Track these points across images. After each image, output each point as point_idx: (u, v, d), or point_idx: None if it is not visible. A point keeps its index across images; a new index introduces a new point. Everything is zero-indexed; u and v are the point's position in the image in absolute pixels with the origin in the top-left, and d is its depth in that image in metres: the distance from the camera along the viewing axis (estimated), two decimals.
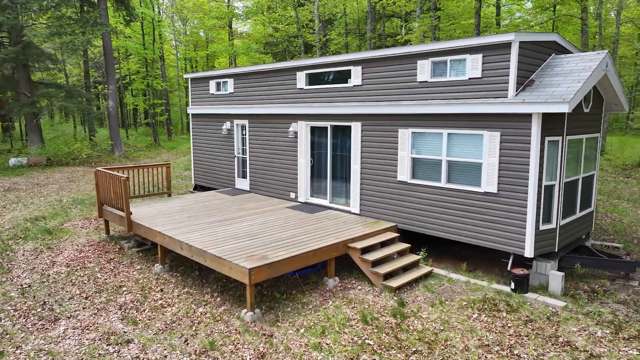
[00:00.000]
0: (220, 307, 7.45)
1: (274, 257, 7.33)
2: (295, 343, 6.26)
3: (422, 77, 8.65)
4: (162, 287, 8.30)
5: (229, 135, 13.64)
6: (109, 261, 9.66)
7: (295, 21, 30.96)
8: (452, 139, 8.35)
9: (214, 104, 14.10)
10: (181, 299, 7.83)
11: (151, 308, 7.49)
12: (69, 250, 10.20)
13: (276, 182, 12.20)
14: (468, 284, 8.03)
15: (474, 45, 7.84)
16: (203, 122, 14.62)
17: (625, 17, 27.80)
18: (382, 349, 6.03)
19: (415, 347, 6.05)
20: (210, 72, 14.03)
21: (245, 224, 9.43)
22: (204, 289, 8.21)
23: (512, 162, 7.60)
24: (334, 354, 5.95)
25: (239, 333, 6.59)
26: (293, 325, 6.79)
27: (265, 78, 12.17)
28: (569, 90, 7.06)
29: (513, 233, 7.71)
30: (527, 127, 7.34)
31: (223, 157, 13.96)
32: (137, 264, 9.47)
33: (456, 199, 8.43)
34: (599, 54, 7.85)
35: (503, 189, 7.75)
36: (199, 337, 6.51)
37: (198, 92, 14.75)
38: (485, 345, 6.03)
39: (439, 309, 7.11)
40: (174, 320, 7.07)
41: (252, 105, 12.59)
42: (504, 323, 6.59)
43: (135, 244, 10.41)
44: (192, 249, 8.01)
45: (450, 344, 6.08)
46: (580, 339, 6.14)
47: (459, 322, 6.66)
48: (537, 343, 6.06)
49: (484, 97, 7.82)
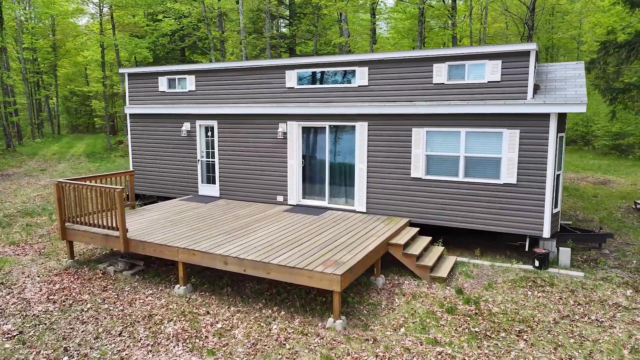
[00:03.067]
0: (295, 320, 6.94)
1: (346, 261, 7.13)
2: (407, 342, 6.25)
3: (439, 79, 9.25)
4: (206, 310, 7.33)
5: (189, 138, 12.42)
6: (104, 289, 8.10)
7: (185, 14, 29.07)
8: (470, 137, 9.14)
9: (167, 103, 12.67)
10: (239, 318, 7.05)
11: (214, 334, 6.61)
12: (34, 285, 8.26)
13: (258, 186, 11.57)
14: (493, 267, 8.91)
15: (494, 52, 8.72)
16: (149, 123, 13.00)
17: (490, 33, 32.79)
18: (491, 332, 6.41)
19: (515, 326, 6.58)
20: (160, 68, 12.56)
21: (264, 231, 8.84)
22: (254, 304, 7.51)
23: (531, 156, 8.69)
24: (454, 344, 6.13)
25: (341, 342, 6.28)
26: (384, 326, 6.73)
27: (243, 76, 11.45)
28: (579, 93, 8.39)
29: (532, 217, 8.82)
30: (545, 125, 8.48)
31: (181, 161, 12.64)
32: (146, 289, 8.14)
33: (474, 191, 9.24)
34: (579, 64, 9.45)
35: (522, 179, 8.81)
36: (302, 354, 6.02)
37: (141, 90, 13.06)
38: (566, 317, 6.87)
39: (494, 292, 7.79)
40: (253, 342, 6.37)
41: (223, 105, 11.69)
42: (560, 296, 7.56)
43: (125, 266, 8.88)
44: (244, 263, 7.27)
45: (540, 319, 6.78)
46: (621, 299, 7.42)
47: (524, 300, 7.42)
48: (597, 308, 7.14)
49: (504, 98, 8.76)
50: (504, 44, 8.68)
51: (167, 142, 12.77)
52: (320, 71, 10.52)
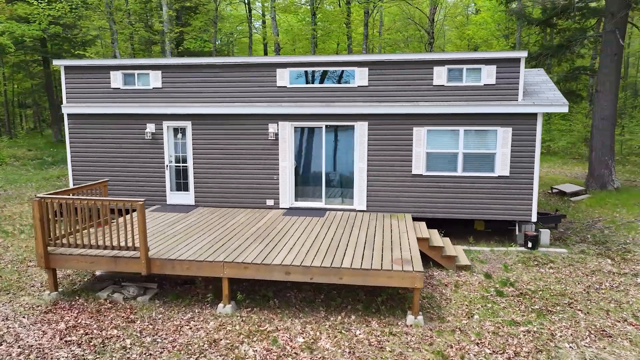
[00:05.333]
0: (371, 322, 6.82)
1: (411, 258, 7.27)
2: (489, 327, 6.65)
3: (439, 81, 9.88)
4: (272, 326, 6.74)
5: (154, 141, 11.04)
6: (129, 320, 6.89)
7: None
8: (468, 135, 9.96)
9: (123, 102, 11.06)
10: (314, 329, 6.67)
11: (303, 349, 6.17)
12: (28, 329, 6.68)
13: (244, 191, 10.86)
14: (493, 252, 9.88)
15: (490, 58, 9.65)
16: (98, 125, 11.19)
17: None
18: (550, 308, 7.17)
19: (561, 300, 7.45)
20: (113, 61, 10.92)
21: (290, 236, 8.43)
22: (314, 313, 7.15)
23: (522, 151, 9.84)
24: (531, 322, 6.72)
25: (434, 337, 6.40)
26: (456, 316, 7.04)
27: (225, 73, 10.61)
28: (556, 96, 9.78)
29: (522, 205, 10.00)
30: (534, 123, 9.69)
31: (143, 168, 11.16)
32: (179, 313, 7.13)
33: (471, 184, 10.10)
34: (540, 71, 10.98)
35: (514, 172, 9.92)
36: (408, 355, 6.01)
37: (84, 86, 11.17)
38: (589, 287, 8.00)
39: (515, 273, 8.67)
40: (349, 350, 6.13)
41: (199, 104, 10.69)
42: (568, 270, 8.75)
43: (138, 291, 7.61)
44: (311, 270, 6.88)
45: (573, 292, 7.78)
46: (610, 267, 8.91)
47: (545, 277, 8.43)
48: (601, 277, 8.46)
49: (498, 99, 9.75)
50: (498, 51, 9.67)
51: (124, 147, 11.16)
52: (316, 70, 10.34)
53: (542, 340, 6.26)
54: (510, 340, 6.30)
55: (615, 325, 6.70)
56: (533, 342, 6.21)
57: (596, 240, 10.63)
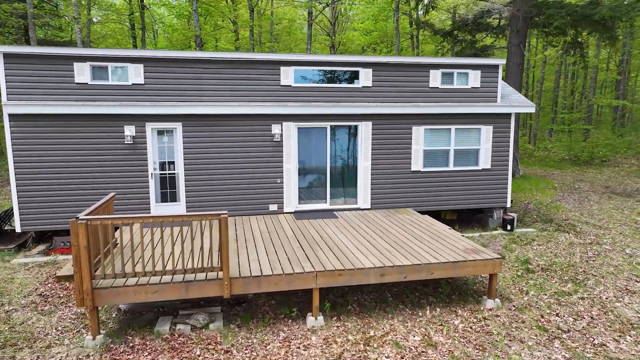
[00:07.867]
0: (456, 311, 7.19)
1: (473, 248, 7.85)
2: (549, 301, 7.62)
3: (434, 83, 10.65)
4: (378, 333, 6.60)
5: (135, 146, 9.48)
6: (227, 353, 6.05)
7: None
8: (458, 133, 10.97)
9: (91, 100, 9.23)
10: (414, 326, 6.76)
11: (425, 346, 6.26)
12: None
13: (244, 197, 10.09)
14: (482, 236, 11.10)
15: (476, 64, 10.78)
16: (56, 127, 9.13)
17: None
18: (576, 279, 8.47)
19: (577, 272, 8.84)
20: (78, 50, 9.03)
21: (336, 240, 8.29)
22: (400, 312, 7.22)
23: (500, 146, 11.23)
24: (577, 291, 7.88)
25: (520, 316, 7.09)
26: (517, 295, 7.85)
27: (224, 69, 9.68)
28: (523, 98, 11.43)
29: (501, 193, 11.43)
30: (508, 122, 11.16)
31: (120, 178, 9.50)
32: (269, 335, 6.48)
33: (460, 177, 11.15)
34: None
35: (494, 165, 11.27)
36: (518, 333, 6.58)
37: (34, 80, 9.00)
38: (588, 258, 9.61)
39: (518, 252, 9.95)
40: (462, 339, 6.44)
41: (192, 103, 9.56)
42: (555, 246, 10.35)
43: (209, 318, 6.61)
44: (404, 269, 6.94)
45: (577, 263, 9.29)
46: (576, 239, 10.82)
47: (543, 253, 9.86)
48: (579, 248, 10.25)
49: (482, 101, 10.96)
50: (483, 58, 10.87)
51: (94, 154, 9.33)
52: (321, 70, 10.15)
53: (599, 304, 7.46)
54: (575, 307, 7.34)
55: (629, 283, 8.31)
56: (595, 307, 7.36)
57: (544, 220, 12.72)
